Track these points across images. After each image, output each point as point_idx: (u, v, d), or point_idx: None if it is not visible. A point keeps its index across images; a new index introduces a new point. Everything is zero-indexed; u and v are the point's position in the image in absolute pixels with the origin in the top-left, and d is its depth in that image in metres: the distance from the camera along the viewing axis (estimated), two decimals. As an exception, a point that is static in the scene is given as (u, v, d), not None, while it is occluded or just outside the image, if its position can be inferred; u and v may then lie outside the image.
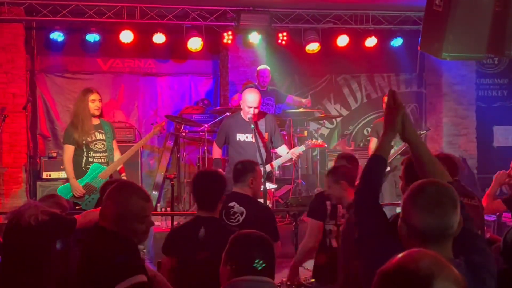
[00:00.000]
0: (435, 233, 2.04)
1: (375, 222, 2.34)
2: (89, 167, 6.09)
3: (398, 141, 7.06)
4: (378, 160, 2.44)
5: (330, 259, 4.14)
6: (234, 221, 4.34)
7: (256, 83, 8.66)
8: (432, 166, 2.42)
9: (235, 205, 4.38)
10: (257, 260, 2.40)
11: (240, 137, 6.12)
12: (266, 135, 6.03)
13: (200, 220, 3.53)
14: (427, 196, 2.07)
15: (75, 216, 4.25)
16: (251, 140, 6.05)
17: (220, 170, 4.38)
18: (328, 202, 4.15)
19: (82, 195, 6.01)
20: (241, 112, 6.22)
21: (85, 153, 6.10)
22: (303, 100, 8.89)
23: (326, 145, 7.35)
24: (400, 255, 1.47)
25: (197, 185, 3.72)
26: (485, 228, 4.39)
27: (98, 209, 4.38)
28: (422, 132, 7.81)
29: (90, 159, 6.12)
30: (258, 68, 8.76)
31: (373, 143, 7.83)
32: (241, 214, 4.36)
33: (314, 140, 6.69)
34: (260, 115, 6.18)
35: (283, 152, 6.24)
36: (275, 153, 6.49)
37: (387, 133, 2.46)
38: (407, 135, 2.45)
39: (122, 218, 2.74)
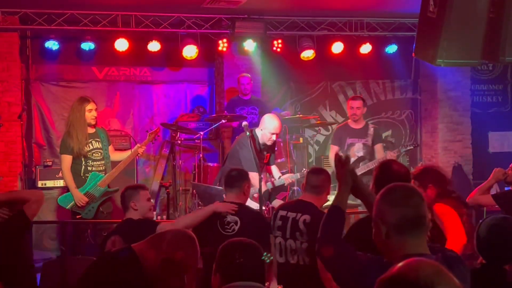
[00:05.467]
0: (412, 223, 2.18)
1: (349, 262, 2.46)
2: (88, 176, 6.08)
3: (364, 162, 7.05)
4: (337, 211, 2.64)
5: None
6: (230, 230, 4.32)
7: (239, 93, 8.71)
8: None
9: (227, 214, 4.36)
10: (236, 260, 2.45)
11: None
12: (267, 156, 6.29)
13: None
14: (399, 192, 2.26)
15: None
16: None
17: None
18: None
19: (85, 204, 5.99)
20: (257, 132, 6.39)
21: (83, 162, 6.10)
22: None
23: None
24: (400, 264, 1.46)
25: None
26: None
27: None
28: (408, 148, 7.66)
29: (89, 168, 6.12)
30: (238, 76, 8.77)
31: (333, 151, 7.34)
32: (235, 223, 4.34)
33: None
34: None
35: (275, 171, 6.75)
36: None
37: (340, 187, 2.73)
38: (355, 191, 2.76)
39: None
